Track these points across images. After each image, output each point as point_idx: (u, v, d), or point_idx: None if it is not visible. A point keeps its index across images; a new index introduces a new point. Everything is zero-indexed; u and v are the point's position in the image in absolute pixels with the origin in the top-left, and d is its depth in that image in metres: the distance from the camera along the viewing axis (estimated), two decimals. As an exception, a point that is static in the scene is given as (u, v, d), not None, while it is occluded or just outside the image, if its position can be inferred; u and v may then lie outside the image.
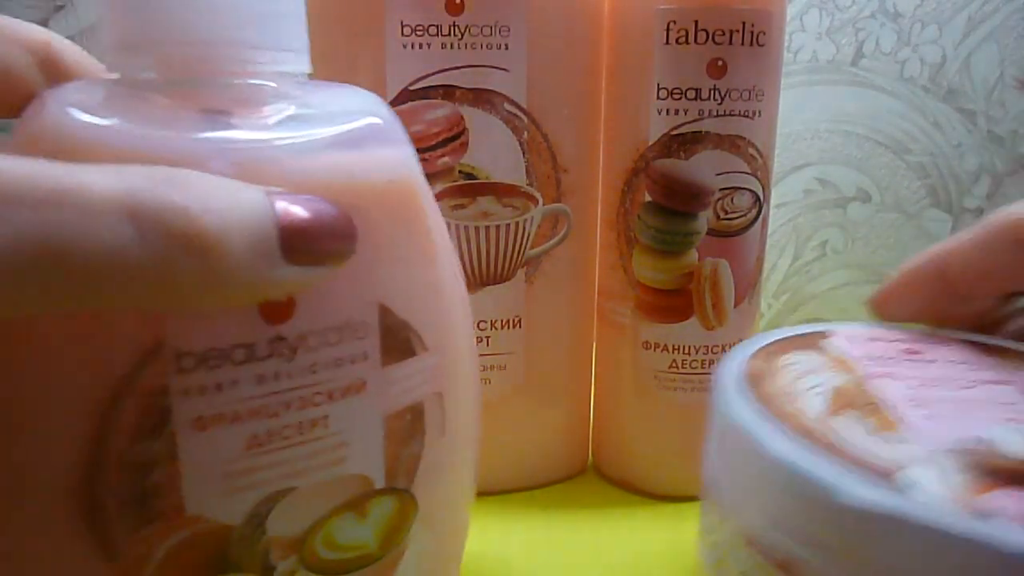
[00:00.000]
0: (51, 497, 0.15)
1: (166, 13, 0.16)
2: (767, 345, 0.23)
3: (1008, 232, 0.23)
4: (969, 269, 0.25)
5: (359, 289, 0.18)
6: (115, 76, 0.17)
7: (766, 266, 0.51)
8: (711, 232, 0.28)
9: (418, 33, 0.26)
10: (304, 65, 0.18)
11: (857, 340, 0.23)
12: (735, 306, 0.29)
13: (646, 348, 0.30)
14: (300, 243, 0.14)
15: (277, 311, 0.16)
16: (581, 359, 0.32)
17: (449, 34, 0.26)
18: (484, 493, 0.31)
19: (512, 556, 0.27)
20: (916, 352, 0.22)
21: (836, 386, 0.20)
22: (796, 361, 0.22)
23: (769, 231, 0.50)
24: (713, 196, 0.28)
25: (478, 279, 0.29)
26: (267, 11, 0.17)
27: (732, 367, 0.21)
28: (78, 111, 0.16)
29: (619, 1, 0.28)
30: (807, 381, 0.20)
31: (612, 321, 0.31)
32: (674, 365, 0.29)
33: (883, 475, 0.16)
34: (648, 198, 0.29)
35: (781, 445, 0.17)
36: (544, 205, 0.28)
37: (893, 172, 0.50)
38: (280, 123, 0.17)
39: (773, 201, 0.50)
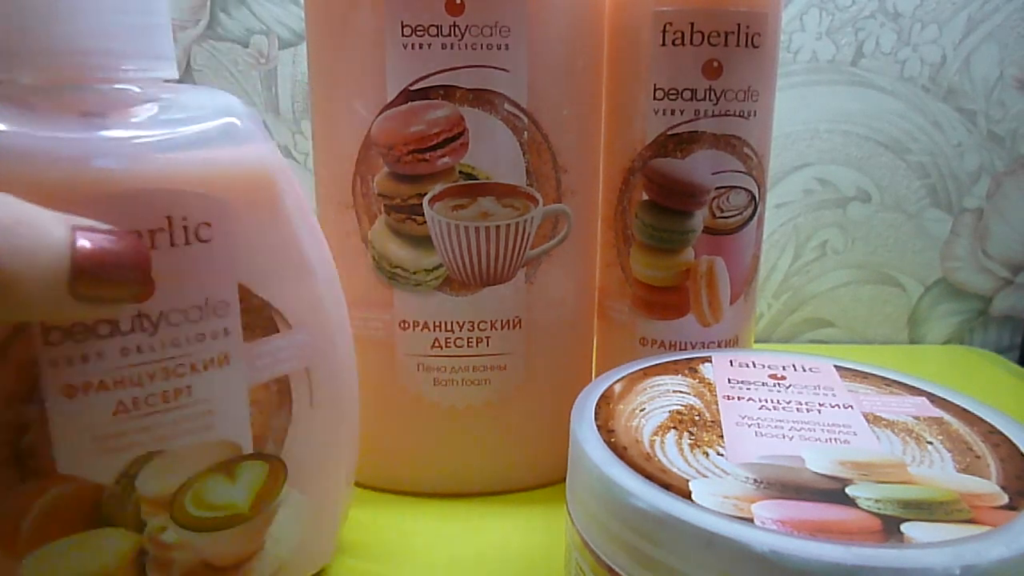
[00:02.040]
0: None
1: (44, 25, 0.18)
2: (645, 368, 0.25)
3: None
4: None
5: (218, 271, 0.20)
6: None
7: (766, 266, 0.51)
8: (707, 230, 0.29)
9: (418, 33, 0.27)
10: (171, 71, 0.20)
11: (732, 365, 0.26)
12: (731, 303, 0.29)
13: (643, 345, 0.30)
14: (90, 287, 0.16)
15: None
16: (582, 359, 0.32)
17: (449, 34, 0.27)
18: (484, 493, 0.31)
19: (511, 555, 0.27)
20: (780, 378, 0.25)
21: (680, 407, 0.23)
22: (661, 383, 0.24)
23: (769, 231, 0.50)
24: (709, 195, 0.28)
25: (478, 279, 0.29)
26: (135, 24, 0.19)
27: (599, 384, 0.24)
28: None
29: (617, 3, 0.29)
30: (659, 401, 0.23)
31: (610, 318, 0.31)
32: (671, 362, 0.30)
33: (678, 484, 0.18)
34: (645, 197, 0.29)
35: (599, 455, 0.20)
36: (544, 205, 0.29)
37: (893, 172, 0.50)
38: (146, 123, 0.19)
39: (773, 201, 0.50)
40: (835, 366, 0.25)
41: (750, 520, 0.17)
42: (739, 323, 0.30)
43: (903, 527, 0.17)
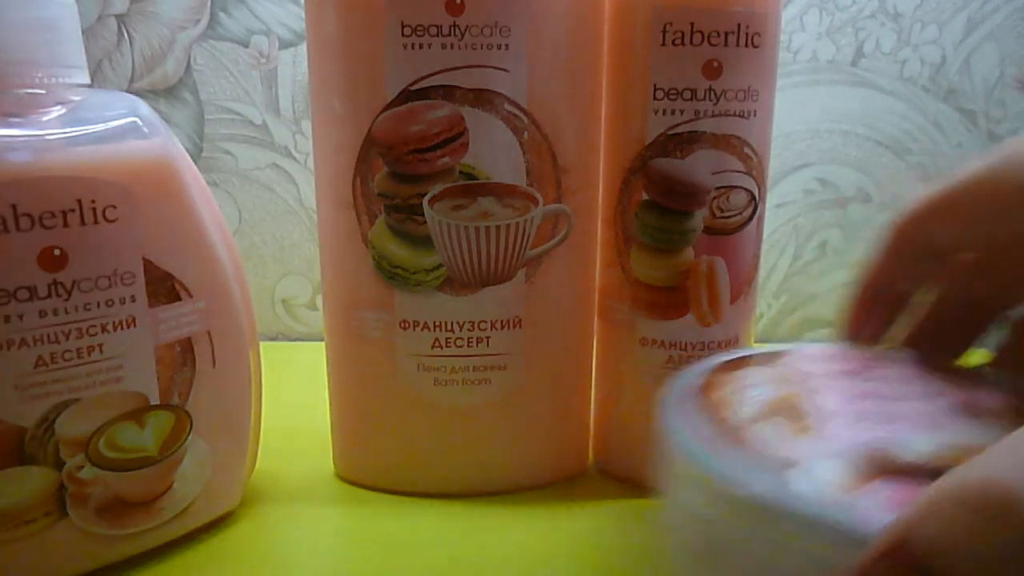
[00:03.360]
0: None
1: None
2: (730, 360, 0.25)
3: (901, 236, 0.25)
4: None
5: (124, 246, 0.23)
6: None
7: (766, 266, 0.51)
8: (707, 230, 0.29)
9: (418, 33, 0.27)
10: (82, 77, 0.24)
11: (813, 359, 0.25)
12: (731, 303, 0.29)
13: (643, 344, 0.30)
14: None
15: (53, 262, 0.22)
16: (582, 359, 0.32)
17: (449, 34, 0.27)
18: (486, 494, 0.31)
19: (512, 555, 0.27)
20: (862, 371, 0.24)
21: (773, 397, 0.22)
22: (749, 375, 0.24)
23: (769, 231, 0.50)
24: (709, 195, 0.28)
25: (478, 279, 0.29)
26: (47, 38, 0.22)
27: (689, 376, 0.24)
28: None
29: (618, 3, 0.29)
30: (750, 392, 0.22)
31: (610, 318, 0.31)
32: (671, 361, 0.30)
33: (779, 468, 0.18)
34: (645, 197, 0.29)
35: (696, 441, 0.19)
36: (544, 205, 0.29)
37: (893, 172, 0.50)
38: (56, 122, 0.23)
39: (773, 201, 0.50)
40: (918, 359, 0.25)
41: (855, 501, 0.17)
42: (739, 323, 0.30)
43: None
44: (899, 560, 0.15)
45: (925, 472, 0.18)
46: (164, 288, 0.24)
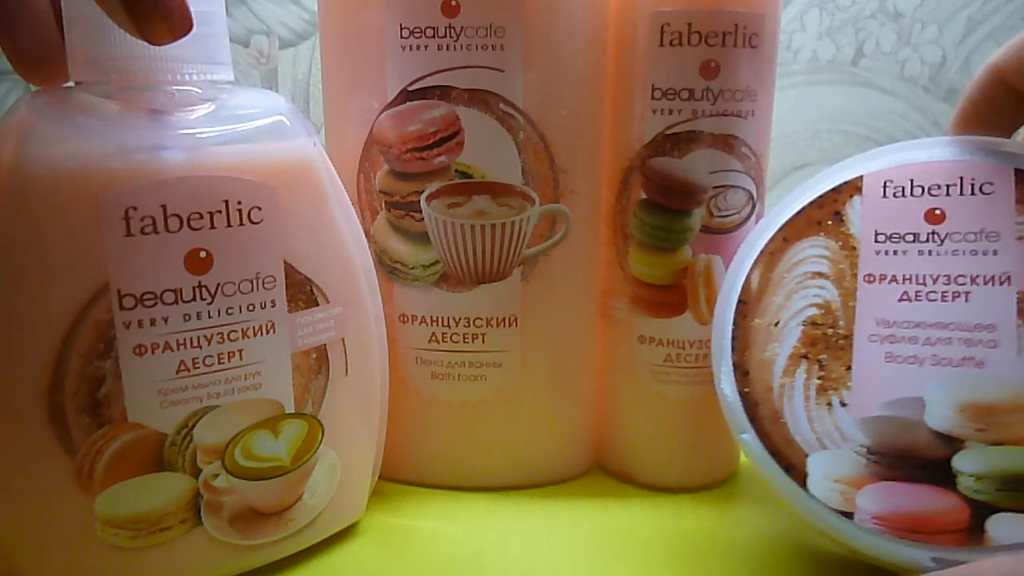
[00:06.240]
0: (24, 403, 0.20)
1: (121, 35, 0.20)
2: (787, 224, 0.25)
3: None
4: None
5: (267, 248, 0.23)
6: (76, 83, 0.22)
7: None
8: (705, 229, 0.29)
9: (416, 35, 0.27)
10: (228, 74, 0.23)
11: (885, 195, 0.24)
12: (728, 302, 0.29)
13: (641, 342, 0.30)
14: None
15: (199, 265, 0.22)
16: (581, 358, 0.32)
17: (445, 36, 0.27)
18: (481, 489, 0.31)
19: (510, 552, 0.27)
20: (939, 218, 0.22)
21: (816, 308, 0.24)
22: (801, 257, 0.24)
23: (769, 230, 0.50)
24: (707, 194, 0.28)
25: (473, 276, 0.29)
26: (196, 33, 0.21)
27: (739, 271, 0.25)
28: (50, 114, 0.21)
29: (615, 3, 0.29)
30: (795, 302, 0.24)
31: (609, 316, 0.31)
32: (669, 359, 0.30)
33: (797, 463, 0.22)
34: (643, 196, 0.29)
35: (740, 419, 0.24)
36: (541, 205, 0.29)
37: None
38: (204, 120, 0.22)
39: (773, 201, 0.50)
40: (1015, 173, 0.22)
41: (851, 514, 0.21)
42: (736, 322, 0.30)
43: (988, 523, 0.18)
44: None
45: (926, 464, 0.20)
46: (303, 293, 0.24)
